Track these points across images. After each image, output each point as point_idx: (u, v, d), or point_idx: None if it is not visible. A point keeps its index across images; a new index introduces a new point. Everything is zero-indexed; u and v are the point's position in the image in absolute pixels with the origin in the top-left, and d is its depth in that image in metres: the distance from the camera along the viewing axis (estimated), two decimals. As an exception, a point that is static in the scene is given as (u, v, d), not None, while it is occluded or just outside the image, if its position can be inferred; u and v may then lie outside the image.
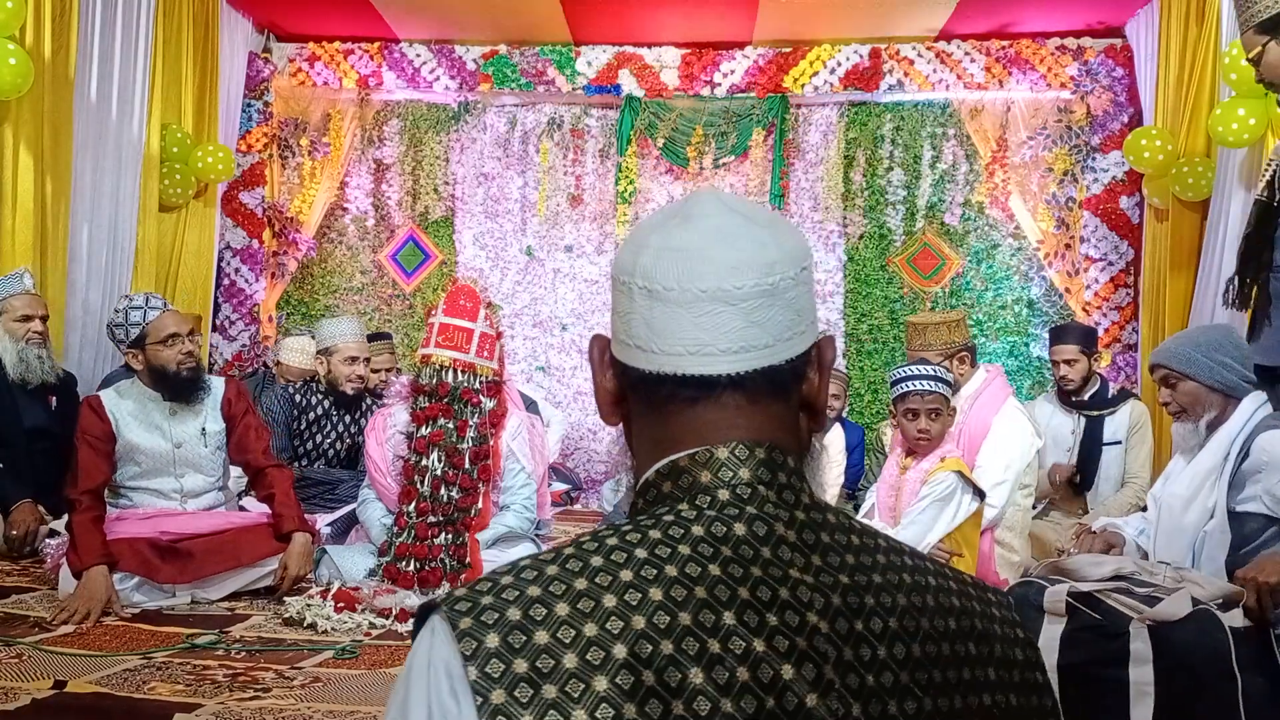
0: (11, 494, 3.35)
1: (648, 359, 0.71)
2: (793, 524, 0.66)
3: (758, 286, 0.69)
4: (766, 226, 0.72)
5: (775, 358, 0.70)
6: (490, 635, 0.59)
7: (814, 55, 5.58)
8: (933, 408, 2.83)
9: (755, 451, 0.69)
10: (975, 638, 0.68)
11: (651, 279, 0.70)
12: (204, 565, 2.86)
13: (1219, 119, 3.85)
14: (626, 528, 0.66)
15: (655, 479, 0.70)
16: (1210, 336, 2.46)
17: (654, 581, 0.61)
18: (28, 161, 3.96)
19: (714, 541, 0.64)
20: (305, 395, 4.01)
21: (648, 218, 0.76)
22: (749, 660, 0.59)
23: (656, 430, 0.72)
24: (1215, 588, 2.00)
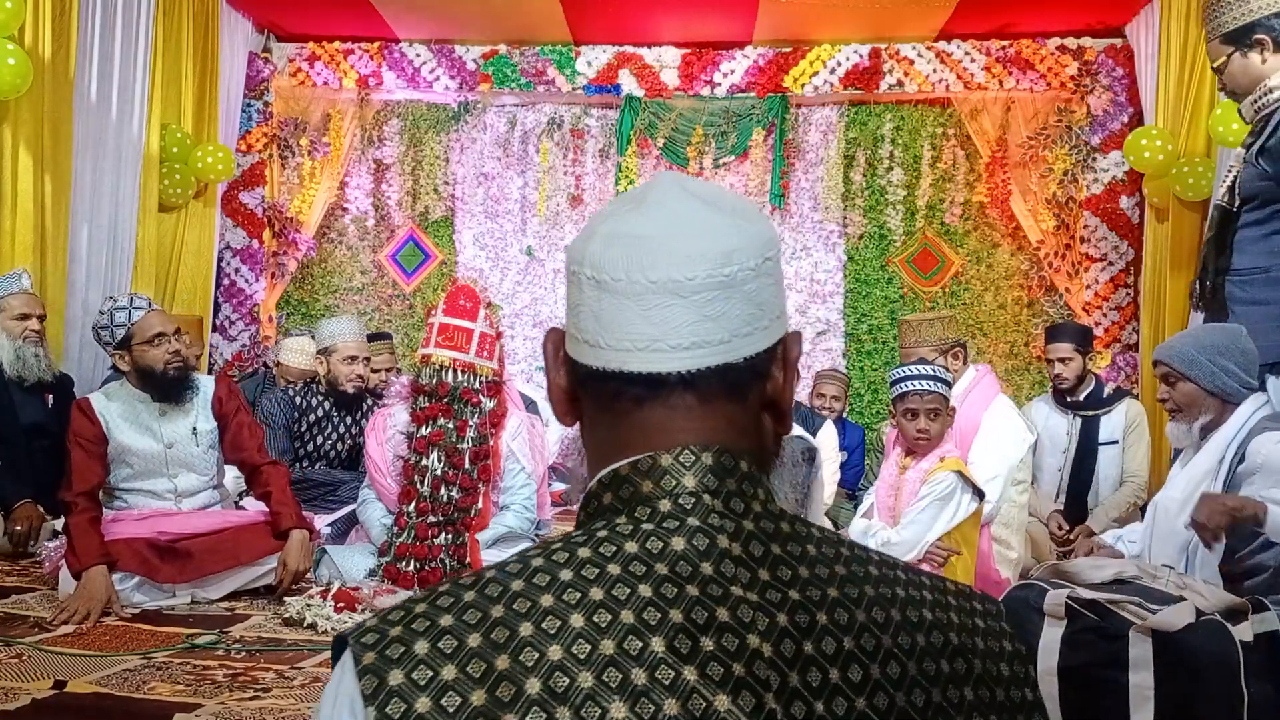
0: (11, 492, 3.36)
1: (595, 354, 0.66)
2: (739, 535, 0.60)
3: (712, 277, 0.63)
4: (729, 214, 0.66)
5: (732, 355, 0.64)
6: (394, 672, 0.55)
7: (814, 55, 5.58)
8: (932, 408, 2.83)
9: (702, 457, 0.63)
10: (949, 654, 0.61)
11: (599, 269, 0.65)
12: (203, 564, 2.85)
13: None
14: (556, 546, 0.60)
15: (597, 489, 0.65)
16: (1216, 339, 2.45)
17: (576, 607, 0.56)
18: (27, 161, 3.96)
19: (648, 559, 0.58)
20: (306, 397, 4.01)
21: (606, 204, 0.71)
22: (678, 691, 0.54)
23: (605, 433, 0.67)
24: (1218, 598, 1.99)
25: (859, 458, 4.96)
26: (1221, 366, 2.39)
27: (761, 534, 0.61)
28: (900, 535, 2.78)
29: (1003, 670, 0.64)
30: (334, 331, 3.98)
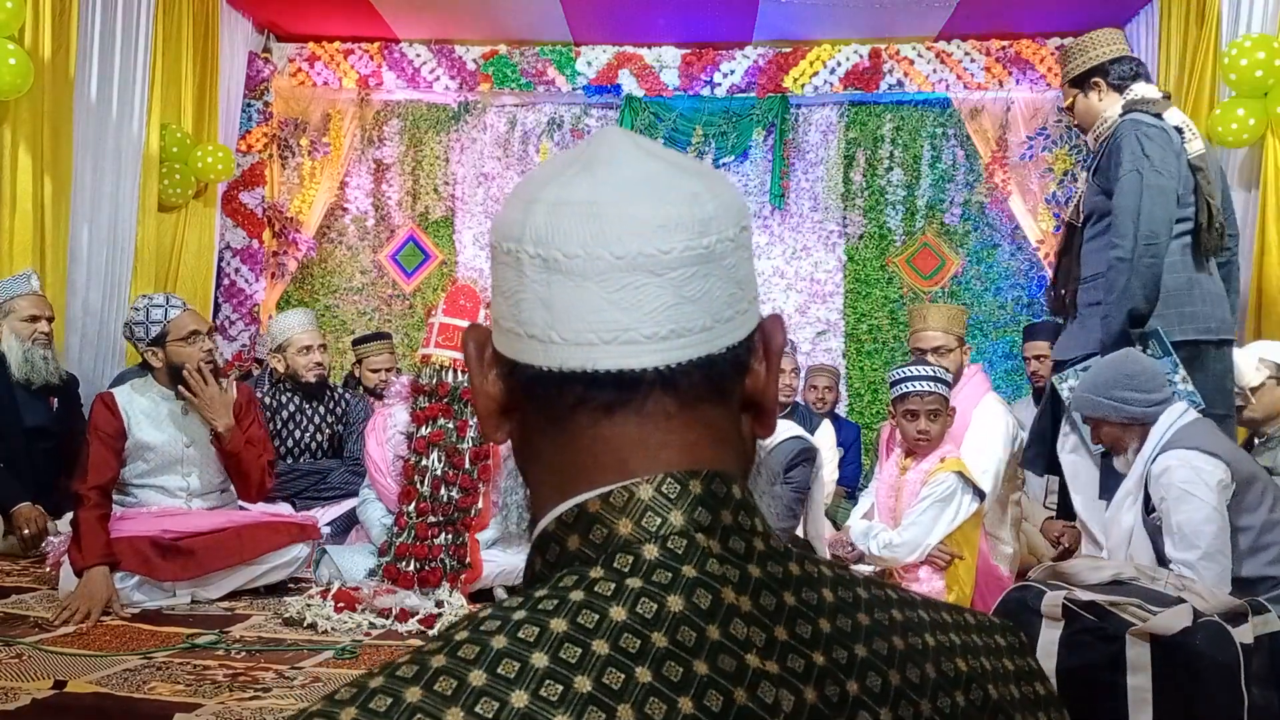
0: (13, 493, 3.36)
1: (546, 352, 0.52)
2: (745, 586, 0.49)
3: (690, 250, 0.52)
4: (696, 175, 0.55)
5: (714, 344, 0.53)
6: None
7: (814, 55, 5.58)
8: (932, 408, 2.83)
9: (689, 485, 0.51)
10: (990, 710, 0.53)
11: (547, 244, 0.52)
12: (205, 562, 2.87)
13: (1218, 119, 3.85)
14: (519, 618, 0.46)
15: (557, 530, 0.52)
16: (1105, 376, 2.52)
17: (560, 705, 0.43)
18: (27, 162, 3.96)
19: (642, 629, 0.46)
20: (274, 396, 4.01)
21: (539, 167, 0.57)
22: None
23: (558, 454, 0.54)
24: (1217, 600, 1.99)
25: (855, 455, 4.97)
26: (1119, 398, 2.47)
27: (771, 581, 0.50)
28: (902, 537, 2.78)
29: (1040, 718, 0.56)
30: (285, 327, 3.98)
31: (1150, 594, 2.05)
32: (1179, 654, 1.85)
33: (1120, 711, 1.88)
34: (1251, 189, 3.93)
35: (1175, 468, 2.34)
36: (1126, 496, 2.53)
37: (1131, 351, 2.53)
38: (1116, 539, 2.55)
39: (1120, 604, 1.97)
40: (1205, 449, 2.34)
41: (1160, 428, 2.44)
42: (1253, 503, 2.35)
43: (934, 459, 2.85)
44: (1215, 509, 2.29)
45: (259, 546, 2.94)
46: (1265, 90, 3.74)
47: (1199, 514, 2.29)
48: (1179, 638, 1.86)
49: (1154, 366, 2.50)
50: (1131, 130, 2.71)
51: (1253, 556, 2.33)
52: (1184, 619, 1.87)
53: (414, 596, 2.85)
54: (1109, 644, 1.91)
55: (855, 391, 5.59)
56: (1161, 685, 1.85)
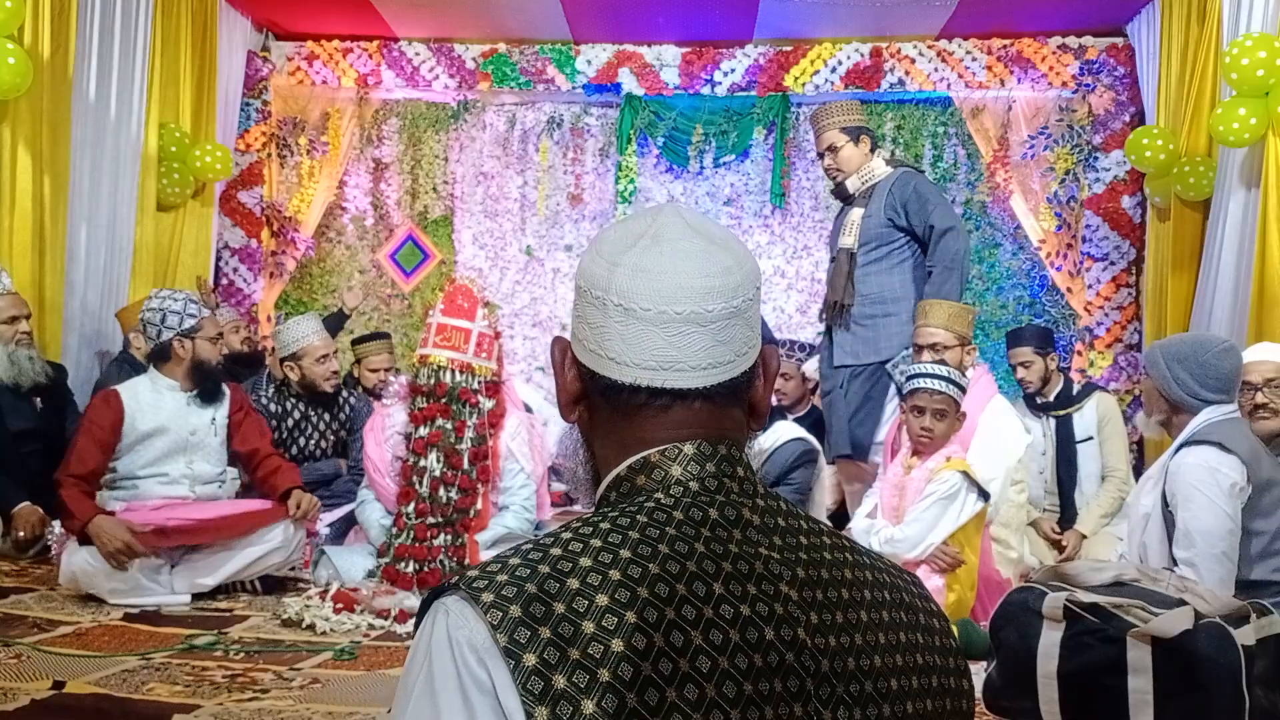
0: (12, 495, 3.34)
1: (620, 370, 0.77)
2: (756, 510, 0.75)
3: (725, 309, 0.77)
4: (730, 250, 0.79)
5: (735, 371, 0.79)
6: (513, 607, 0.65)
7: (815, 54, 5.57)
8: (939, 408, 2.82)
9: (717, 449, 0.77)
10: (904, 608, 0.79)
11: (628, 299, 0.76)
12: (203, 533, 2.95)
13: (1220, 118, 3.84)
14: (614, 514, 0.73)
15: (628, 474, 0.78)
16: (1183, 347, 2.50)
17: (650, 559, 0.68)
18: (26, 161, 3.95)
19: (694, 524, 0.72)
20: (279, 402, 3.99)
21: (613, 232, 0.81)
22: (739, 624, 0.68)
23: (624, 431, 0.79)
24: (1219, 602, 1.99)
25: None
26: (1174, 373, 2.45)
27: (770, 510, 0.77)
28: (904, 532, 2.77)
29: (936, 624, 0.82)
30: (296, 336, 3.94)
31: (1152, 595, 2.04)
32: (1180, 656, 1.84)
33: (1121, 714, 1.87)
34: (1252, 189, 3.92)
35: (1191, 466, 2.33)
36: (1148, 480, 2.54)
37: (1227, 345, 2.50)
38: (1135, 520, 2.56)
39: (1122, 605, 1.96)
40: (1226, 446, 2.31)
41: (1196, 422, 2.42)
42: (1268, 508, 2.33)
43: (939, 458, 2.84)
44: (1225, 511, 2.27)
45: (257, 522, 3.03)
46: (1266, 90, 3.73)
47: (1207, 514, 2.28)
48: (1180, 640, 1.85)
49: (1227, 368, 2.46)
50: (916, 178, 3.56)
51: (1262, 561, 2.32)
52: (1185, 621, 1.87)
53: (413, 597, 2.84)
54: (1110, 646, 1.90)
55: (855, 391, 5.57)
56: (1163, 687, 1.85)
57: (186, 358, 3.11)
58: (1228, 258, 4.03)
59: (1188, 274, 4.56)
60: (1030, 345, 3.91)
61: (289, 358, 3.95)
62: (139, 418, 3.03)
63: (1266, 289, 3.66)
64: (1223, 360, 2.45)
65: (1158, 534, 2.42)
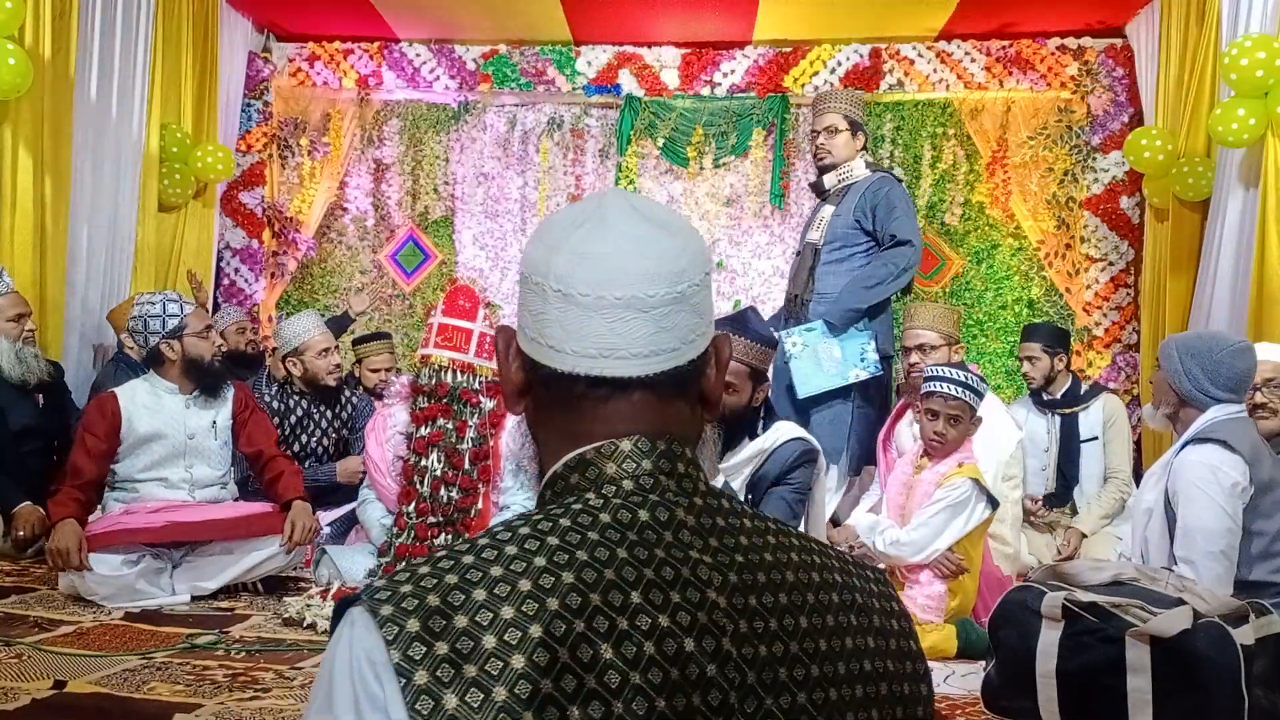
0: (13, 495, 3.35)
1: (560, 359, 0.74)
2: (692, 509, 0.71)
3: (668, 294, 0.74)
4: (675, 234, 0.76)
5: (680, 359, 0.75)
6: (411, 621, 0.62)
7: (814, 55, 5.58)
8: (953, 413, 2.80)
9: (656, 444, 0.73)
10: (856, 610, 0.74)
11: (567, 284, 0.73)
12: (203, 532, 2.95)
13: (1219, 119, 3.85)
14: (538, 517, 0.69)
15: (564, 471, 0.74)
16: (1198, 343, 2.49)
17: (566, 566, 0.65)
18: (27, 161, 3.96)
19: (620, 527, 0.68)
20: (283, 399, 3.99)
21: (558, 216, 0.79)
22: (655, 635, 0.64)
23: (566, 424, 0.76)
24: (1218, 601, 1.99)
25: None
26: (1187, 368, 2.44)
27: (709, 509, 0.73)
28: (910, 536, 2.77)
29: (894, 624, 0.77)
30: (297, 331, 3.95)
31: (1150, 595, 2.04)
32: (1179, 656, 1.85)
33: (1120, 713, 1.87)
34: (1250, 189, 3.93)
35: (1194, 464, 2.32)
36: (1151, 476, 2.53)
37: (1243, 345, 2.49)
38: (1138, 515, 2.57)
39: (1121, 605, 1.96)
40: (1230, 445, 2.30)
41: (1202, 420, 2.41)
42: (1269, 508, 2.32)
43: (951, 463, 2.83)
44: (1225, 510, 2.27)
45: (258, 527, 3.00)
46: (1265, 90, 3.73)
47: (1207, 513, 2.27)
48: (1179, 639, 1.85)
49: (1240, 369, 2.44)
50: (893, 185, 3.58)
51: (1263, 561, 2.32)
52: (1184, 621, 1.87)
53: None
54: (1109, 645, 1.91)
55: (855, 391, 5.58)
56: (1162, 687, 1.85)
57: (177, 359, 3.06)
58: (1226, 258, 4.03)
59: (1186, 274, 4.56)
60: (1040, 342, 3.92)
61: (291, 353, 3.95)
62: (136, 421, 3.01)
63: (1265, 289, 3.66)
64: (1236, 360, 2.43)
65: (1159, 530, 2.42)
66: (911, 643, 0.77)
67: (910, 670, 0.76)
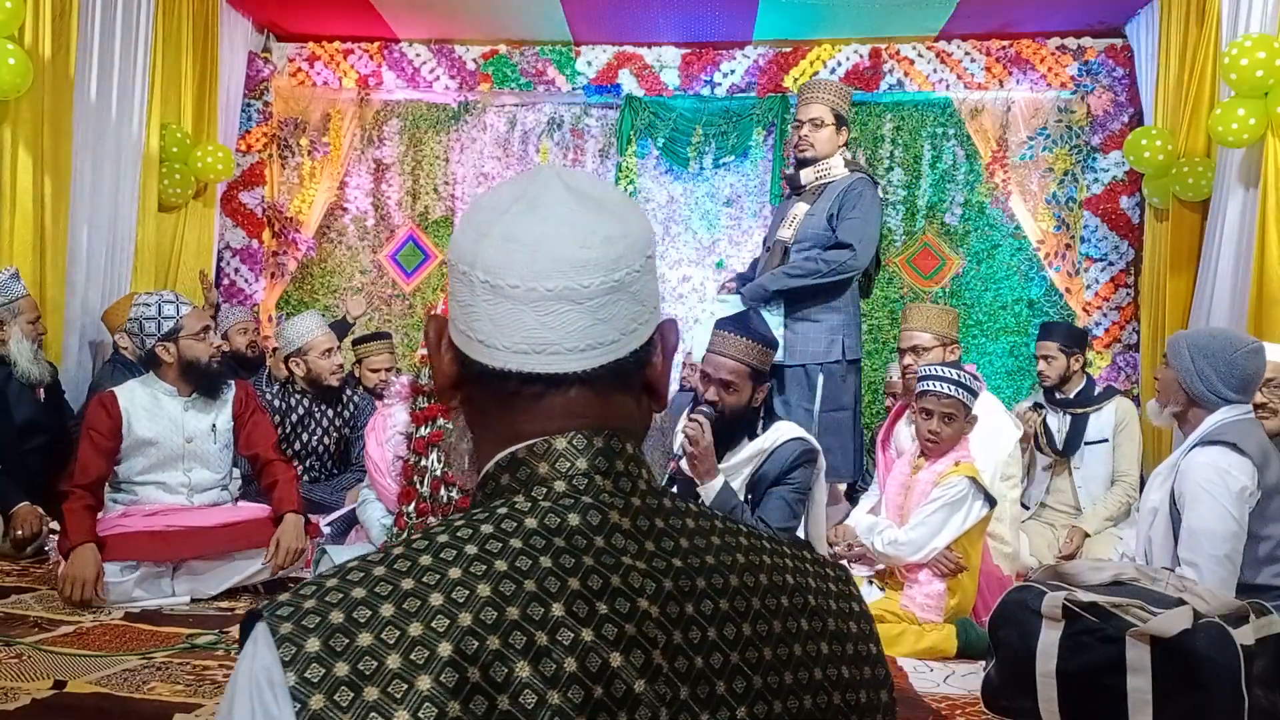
0: (12, 495, 3.36)
1: (491, 354, 0.69)
2: (627, 511, 0.66)
3: (605, 284, 0.68)
4: (613, 215, 0.70)
5: (621, 351, 0.70)
6: (311, 640, 0.58)
7: (814, 55, 5.58)
8: (947, 412, 2.81)
9: (593, 441, 0.68)
10: (808, 613, 0.69)
11: (495, 274, 0.68)
12: (204, 546, 2.91)
13: (1219, 119, 3.85)
14: (459, 523, 0.65)
15: (494, 471, 0.70)
16: (1210, 342, 2.47)
17: (482, 578, 0.61)
18: (27, 161, 3.96)
19: (547, 533, 0.64)
20: (285, 398, 4.00)
21: (487, 197, 0.73)
22: (577, 650, 0.59)
23: (499, 422, 0.71)
24: (1219, 601, 1.99)
25: (858, 456, 4.95)
26: (1199, 367, 2.42)
27: (647, 509, 0.67)
28: (908, 535, 2.77)
29: (850, 627, 0.72)
30: (300, 332, 3.98)
31: (1151, 595, 2.04)
32: (1179, 656, 1.85)
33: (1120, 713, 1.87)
34: (1250, 189, 3.93)
35: (1202, 465, 2.31)
36: (1158, 476, 2.52)
37: (1256, 345, 2.47)
38: (1143, 514, 2.56)
39: (1121, 605, 1.96)
40: (1240, 448, 2.29)
41: (1211, 420, 2.40)
42: (1275, 513, 2.32)
43: (948, 461, 2.83)
44: (1231, 514, 2.26)
45: (257, 537, 2.97)
46: (1265, 90, 3.73)
47: (1213, 516, 2.26)
48: (1179, 639, 1.85)
49: (1253, 369, 2.43)
50: (868, 188, 3.46)
51: (1267, 565, 2.32)
52: (1184, 621, 1.87)
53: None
54: (1109, 645, 1.91)
55: (855, 391, 5.58)
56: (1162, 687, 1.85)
57: (173, 361, 3.01)
58: (1226, 258, 4.03)
59: (1186, 274, 4.57)
60: (1057, 341, 3.93)
61: (294, 354, 3.97)
62: (135, 422, 2.97)
63: (1265, 289, 3.67)
64: (1250, 360, 2.43)
65: (1163, 530, 2.41)
66: (871, 646, 0.73)
67: (869, 676, 0.71)
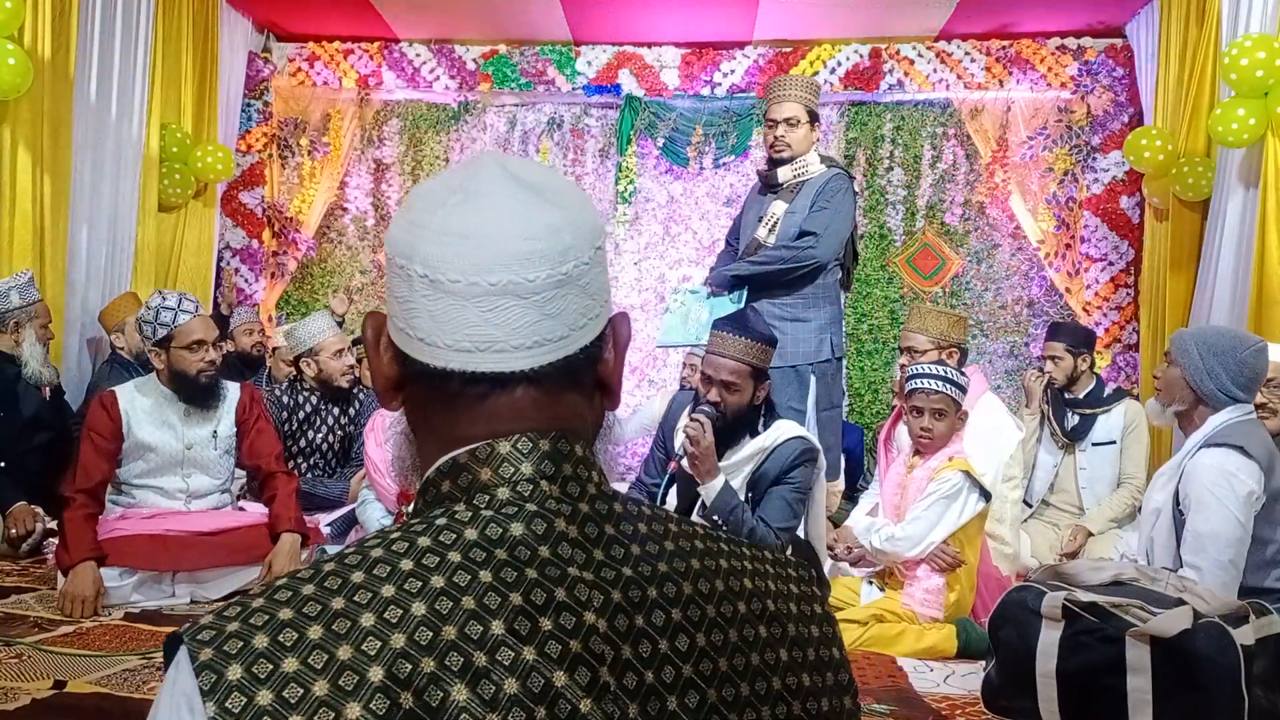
0: (9, 494, 3.37)
1: (432, 353, 0.65)
2: (575, 518, 0.63)
3: (551, 277, 0.64)
4: (559, 204, 0.66)
5: (570, 348, 0.66)
6: (233, 666, 0.54)
7: (814, 55, 5.58)
8: (937, 408, 2.82)
9: (539, 444, 0.64)
10: (766, 620, 0.66)
11: (433, 268, 0.64)
12: (203, 557, 2.87)
13: (1219, 119, 3.85)
14: (395, 535, 0.61)
15: (435, 478, 0.66)
16: (1219, 340, 2.45)
17: (418, 595, 0.57)
18: (26, 162, 3.96)
19: (488, 545, 0.60)
20: (293, 395, 4.01)
21: (425, 186, 0.68)
22: (518, 670, 0.56)
23: (442, 425, 0.67)
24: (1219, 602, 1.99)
25: (858, 457, 4.96)
26: (1209, 366, 2.40)
27: (596, 515, 0.64)
28: (905, 531, 2.78)
29: (814, 631, 0.69)
30: (312, 332, 3.98)
31: (1151, 595, 2.04)
32: (1179, 656, 1.85)
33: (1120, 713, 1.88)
34: (1250, 189, 3.93)
35: (1208, 468, 2.29)
36: (1161, 475, 2.51)
37: (1262, 344, 2.46)
38: (1146, 513, 2.55)
39: (1121, 605, 1.96)
40: (1246, 450, 2.28)
41: (1217, 419, 2.39)
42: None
43: (941, 457, 2.84)
44: (1237, 519, 2.25)
45: (258, 549, 2.92)
46: (1265, 90, 3.73)
47: (1219, 520, 2.25)
48: (1179, 639, 1.85)
49: (1260, 368, 2.42)
50: (846, 183, 3.41)
51: (1273, 568, 2.31)
52: (1184, 621, 1.87)
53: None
54: (1109, 645, 1.91)
55: (855, 392, 5.58)
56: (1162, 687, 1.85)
57: (164, 369, 2.95)
58: (1226, 258, 4.04)
59: (1186, 274, 4.57)
60: (1064, 341, 3.91)
61: (306, 354, 3.99)
62: (135, 425, 2.94)
63: (1265, 289, 3.67)
64: (1258, 359, 2.42)
65: (1166, 531, 2.40)
66: (835, 651, 0.70)
67: (831, 683, 0.68)
